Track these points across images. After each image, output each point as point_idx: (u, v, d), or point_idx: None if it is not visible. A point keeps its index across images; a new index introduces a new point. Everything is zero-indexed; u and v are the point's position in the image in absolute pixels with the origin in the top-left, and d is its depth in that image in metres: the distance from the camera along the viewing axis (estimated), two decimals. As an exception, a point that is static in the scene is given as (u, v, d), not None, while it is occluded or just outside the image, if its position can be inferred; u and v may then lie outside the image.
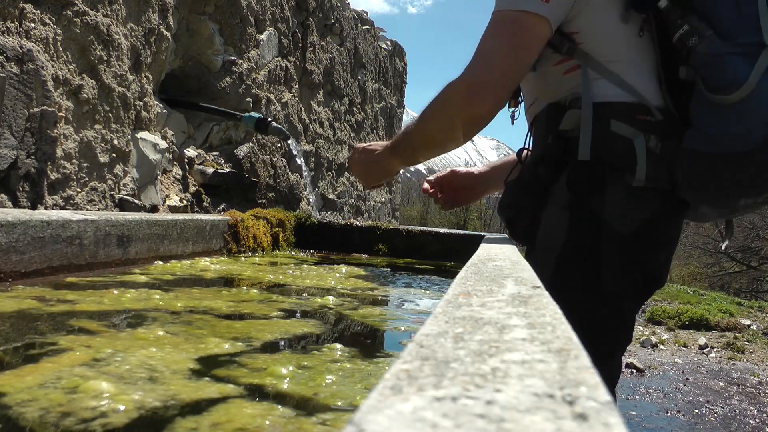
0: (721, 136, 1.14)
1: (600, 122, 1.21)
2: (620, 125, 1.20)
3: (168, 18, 2.45)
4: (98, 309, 1.01)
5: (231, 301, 1.19)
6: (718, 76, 1.14)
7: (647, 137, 1.19)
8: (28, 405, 0.56)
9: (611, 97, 1.23)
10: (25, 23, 1.65)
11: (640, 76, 1.24)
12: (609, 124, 1.21)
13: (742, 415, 3.59)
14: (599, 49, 1.25)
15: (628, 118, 1.21)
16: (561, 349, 0.32)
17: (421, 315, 1.25)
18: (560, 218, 1.24)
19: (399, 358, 0.30)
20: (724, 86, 1.12)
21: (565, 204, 1.24)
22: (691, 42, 1.16)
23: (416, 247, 2.60)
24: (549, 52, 1.28)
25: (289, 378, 0.71)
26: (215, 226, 2.02)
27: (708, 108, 1.16)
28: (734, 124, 1.12)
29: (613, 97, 1.23)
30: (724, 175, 1.16)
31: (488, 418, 0.22)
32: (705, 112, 1.16)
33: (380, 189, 6.52)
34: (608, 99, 1.22)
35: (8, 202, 1.61)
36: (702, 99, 1.17)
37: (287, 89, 3.79)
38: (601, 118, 1.21)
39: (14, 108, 1.59)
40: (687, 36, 1.17)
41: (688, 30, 1.17)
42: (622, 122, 1.20)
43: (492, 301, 0.47)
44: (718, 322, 6.30)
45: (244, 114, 2.62)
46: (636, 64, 1.25)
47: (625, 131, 1.20)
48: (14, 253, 1.16)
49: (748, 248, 17.62)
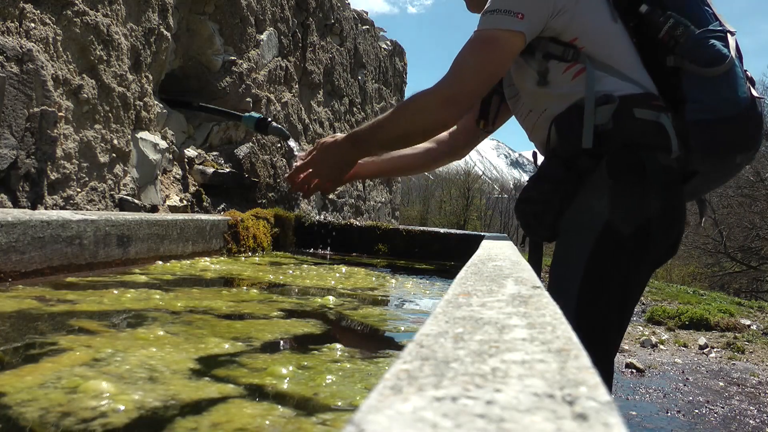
0: (717, 102, 1.36)
1: (624, 113, 1.35)
2: (643, 111, 1.36)
3: (168, 18, 2.45)
4: (98, 309, 1.01)
5: (231, 301, 1.19)
6: (707, 55, 1.37)
7: (667, 115, 1.37)
8: (28, 405, 0.56)
9: (624, 90, 1.38)
10: (25, 23, 1.65)
11: (637, 69, 1.43)
12: (633, 112, 1.35)
13: (742, 415, 3.59)
14: (600, 50, 1.40)
15: (647, 104, 1.37)
16: (561, 349, 0.32)
17: (421, 315, 1.25)
18: (600, 203, 1.35)
19: (399, 358, 0.30)
20: (713, 61, 1.36)
21: (605, 190, 1.35)
22: (678, 33, 1.38)
23: (416, 247, 2.60)
24: (555, 64, 1.42)
25: (289, 378, 0.71)
26: (215, 226, 2.02)
27: (701, 83, 1.38)
28: (726, 90, 1.36)
29: (625, 89, 1.38)
30: (726, 137, 1.38)
31: (488, 418, 0.22)
32: (699, 87, 1.38)
33: (380, 189, 6.52)
34: (623, 92, 1.37)
35: (8, 202, 1.61)
36: (693, 78, 1.39)
37: (287, 89, 3.79)
38: (623, 109, 1.35)
39: (14, 108, 1.59)
40: (673, 29, 1.39)
41: (674, 24, 1.39)
42: (644, 108, 1.36)
43: (492, 301, 0.47)
44: (718, 322, 6.30)
45: (244, 114, 2.62)
46: (631, 59, 1.43)
47: (649, 115, 1.36)
48: (14, 253, 1.16)
49: (748, 248, 17.62)
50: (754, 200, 17.33)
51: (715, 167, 1.44)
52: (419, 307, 1.37)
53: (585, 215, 1.37)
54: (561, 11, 1.37)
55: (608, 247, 1.33)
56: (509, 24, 1.34)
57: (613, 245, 1.33)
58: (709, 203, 15.13)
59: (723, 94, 1.36)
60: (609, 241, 1.33)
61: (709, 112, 1.36)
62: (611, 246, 1.33)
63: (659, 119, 1.35)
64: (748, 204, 17.43)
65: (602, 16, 1.42)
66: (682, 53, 1.39)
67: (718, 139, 1.37)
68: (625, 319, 1.44)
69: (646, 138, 1.35)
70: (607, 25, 1.42)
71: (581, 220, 1.37)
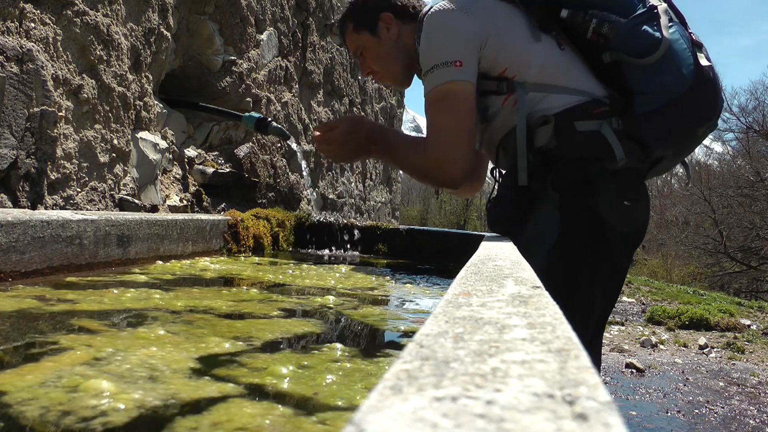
0: (662, 88, 1.34)
1: (566, 128, 1.36)
2: (584, 123, 1.36)
3: (168, 18, 2.45)
4: (98, 308, 1.01)
5: (231, 301, 1.19)
6: (640, 45, 1.34)
7: (609, 122, 1.36)
8: (28, 404, 0.56)
9: (564, 105, 1.38)
10: (25, 23, 1.65)
11: (578, 77, 1.42)
12: (574, 126, 1.36)
13: (742, 415, 3.59)
14: (532, 72, 1.40)
15: (587, 115, 1.37)
16: (561, 349, 0.32)
17: (421, 315, 1.25)
18: (551, 217, 1.37)
19: (399, 357, 0.30)
20: (647, 50, 1.34)
21: (555, 204, 1.36)
22: (605, 29, 1.37)
23: (416, 247, 2.60)
24: (493, 99, 1.44)
25: (289, 377, 0.71)
26: (215, 226, 2.02)
27: (642, 73, 1.36)
28: (669, 74, 1.34)
29: (565, 105, 1.38)
30: (680, 117, 1.36)
31: (488, 418, 0.22)
32: (641, 78, 1.36)
33: (380, 189, 6.52)
34: (562, 108, 1.38)
35: (8, 201, 1.61)
36: (633, 70, 1.37)
37: (287, 89, 3.79)
38: (564, 125, 1.36)
39: (14, 108, 1.59)
40: (599, 27, 1.37)
41: (598, 22, 1.37)
42: (584, 120, 1.36)
43: (492, 301, 0.47)
44: (718, 322, 6.29)
45: (244, 114, 2.62)
46: (569, 69, 1.42)
47: (591, 126, 1.36)
48: (14, 252, 1.16)
49: (748, 248, 17.62)
50: (754, 200, 17.33)
51: (678, 147, 1.44)
52: (419, 307, 1.37)
53: (539, 230, 1.39)
54: (487, 43, 1.38)
55: (564, 258, 1.35)
56: (454, 75, 1.36)
57: (569, 256, 1.35)
58: (709, 200, 15.17)
59: (666, 78, 1.34)
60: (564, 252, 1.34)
61: (656, 101, 1.34)
62: (567, 257, 1.35)
63: (601, 129, 1.35)
64: (748, 204, 17.43)
65: (524, 39, 1.42)
66: (615, 48, 1.37)
67: (672, 124, 1.36)
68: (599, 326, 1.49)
69: (590, 151, 1.35)
70: (530, 46, 1.41)
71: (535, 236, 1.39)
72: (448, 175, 1.43)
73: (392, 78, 1.66)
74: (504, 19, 1.41)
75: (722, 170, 21.35)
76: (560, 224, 1.35)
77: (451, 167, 1.41)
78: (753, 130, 18.38)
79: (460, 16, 1.38)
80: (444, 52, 1.37)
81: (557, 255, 1.34)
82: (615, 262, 1.42)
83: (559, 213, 1.36)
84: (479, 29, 1.38)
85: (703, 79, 1.35)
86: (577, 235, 1.35)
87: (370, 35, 1.60)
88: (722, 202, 18.37)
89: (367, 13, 1.60)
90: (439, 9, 1.42)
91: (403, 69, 1.62)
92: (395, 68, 1.62)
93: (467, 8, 1.39)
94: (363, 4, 1.63)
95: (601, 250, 1.37)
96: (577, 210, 1.35)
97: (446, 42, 1.38)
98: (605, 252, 1.37)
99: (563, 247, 1.34)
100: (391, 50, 1.59)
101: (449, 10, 1.40)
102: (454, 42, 1.37)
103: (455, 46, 1.37)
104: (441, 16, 1.40)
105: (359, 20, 1.62)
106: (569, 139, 1.36)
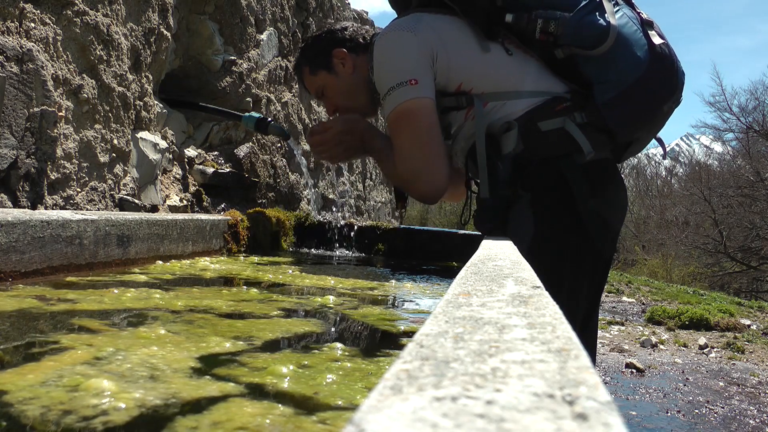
0: (621, 74, 1.35)
1: (531, 130, 1.37)
2: (547, 123, 1.37)
3: (168, 18, 2.45)
4: (99, 308, 1.01)
5: (231, 301, 1.19)
6: (589, 36, 1.36)
7: (572, 117, 1.37)
8: (29, 403, 0.56)
9: (524, 108, 1.39)
10: (25, 23, 1.66)
11: (533, 79, 1.43)
12: (538, 127, 1.38)
13: (742, 415, 3.59)
14: (487, 82, 1.42)
15: (549, 113, 1.38)
16: (561, 349, 0.32)
17: (421, 315, 1.25)
18: (526, 215, 1.39)
19: (399, 357, 0.30)
20: (597, 40, 1.35)
21: (528, 203, 1.39)
22: (552, 28, 1.37)
23: (416, 247, 2.60)
24: (455, 114, 1.45)
25: (289, 377, 0.71)
26: (215, 225, 2.02)
27: (598, 63, 1.37)
28: (623, 59, 1.35)
29: (526, 108, 1.39)
30: (642, 99, 1.37)
31: (488, 418, 0.22)
32: (598, 68, 1.38)
33: (380, 189, 6.52)
34: (523, 111, 1.39)
35: (8, 201, 1.61)
36: (588, 61, 1.38)
37: (287, 89, 3.79)
38: (528, 127, 1.37)
39: (14, 108, 1.59)
40: (545, 26, 1.38)
41: (544, 21, 1.37)
42: (547, 119, 1.38)
43: (492, 301, 0.47)
44: (718, 322, 6.30)
45: (244, 114, 2.62)
46: (522, 73, 1.43)
47: (554, 124, 1.37)
48: (14, 252, 1.16)
49: (748, 248, 17.61)
50: (754, 200, 17.32)
51: (646, 128, 1.45)
52: (419, 307, 1.37)
53: (515, 231, 1.40)
54: (437, 58, 1.39)
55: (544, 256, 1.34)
56: (411, 93, 1.37)
57: (548, 254, 1.35)
58: (705, 202, 15.15)
59: (622, 64, 1.35)
60: (542, 250, 1.34)
61: (615, 88, 1.36)
62: (546, 255, 1.34)
63: (565, 125, 1.36)
64: (748, 204, 17.42)
65: (472, 51, 1.42)
66: (566, 43, 1.38)
67: (634, 107, 1.36)
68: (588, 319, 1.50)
69: (558, 148, 1.37)
70: (479, 57, 1.42)
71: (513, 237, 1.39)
72: (421, 191, 1.45)
73: (358, 110, 1.67)
74: (450, 34, 1.42)
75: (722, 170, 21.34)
76: (534, 222, 1.37)
77: (423, 184, 1.43)
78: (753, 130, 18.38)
79: (407, 36, 1.40)
80: (397, 73, 1.38)
81: (535, 253, 1.33)
82: (596, 253, 1.43)
83: (532, 211, 1.38)
84: (427, 46, 1.39)
85: (659, 56, 1.36)
86: (553, 233, 1.37)
87: (327, 74, 1.63)
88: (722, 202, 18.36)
89: (319, 53, 1.63)
90: (386, 33, 1.44)
91: (366, 100, 1.64)
92: (359, 100, 1.64)
93: (412, 28, 1.41)
94: (313, 45, 1.66)
95: (580, 244, 1.38)
96: (550, 207, 1.38)
97: (398, 63, 1.40)
98: (584, 245, 1.39)
99: (541, 246, 1.35)
100: (350, 84, 1.62)
101: (395, 33, 1.42)
102: (405, 61, 1.39)
103: (407, 65, 1.38)
104: (388, 39, 1.43)
105: (313, 62, 1.64)
106: (535, 140, 1.37)
